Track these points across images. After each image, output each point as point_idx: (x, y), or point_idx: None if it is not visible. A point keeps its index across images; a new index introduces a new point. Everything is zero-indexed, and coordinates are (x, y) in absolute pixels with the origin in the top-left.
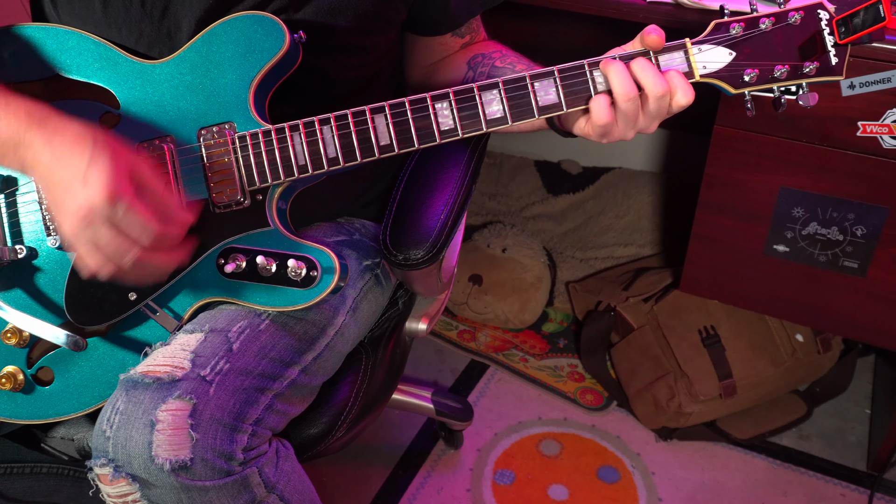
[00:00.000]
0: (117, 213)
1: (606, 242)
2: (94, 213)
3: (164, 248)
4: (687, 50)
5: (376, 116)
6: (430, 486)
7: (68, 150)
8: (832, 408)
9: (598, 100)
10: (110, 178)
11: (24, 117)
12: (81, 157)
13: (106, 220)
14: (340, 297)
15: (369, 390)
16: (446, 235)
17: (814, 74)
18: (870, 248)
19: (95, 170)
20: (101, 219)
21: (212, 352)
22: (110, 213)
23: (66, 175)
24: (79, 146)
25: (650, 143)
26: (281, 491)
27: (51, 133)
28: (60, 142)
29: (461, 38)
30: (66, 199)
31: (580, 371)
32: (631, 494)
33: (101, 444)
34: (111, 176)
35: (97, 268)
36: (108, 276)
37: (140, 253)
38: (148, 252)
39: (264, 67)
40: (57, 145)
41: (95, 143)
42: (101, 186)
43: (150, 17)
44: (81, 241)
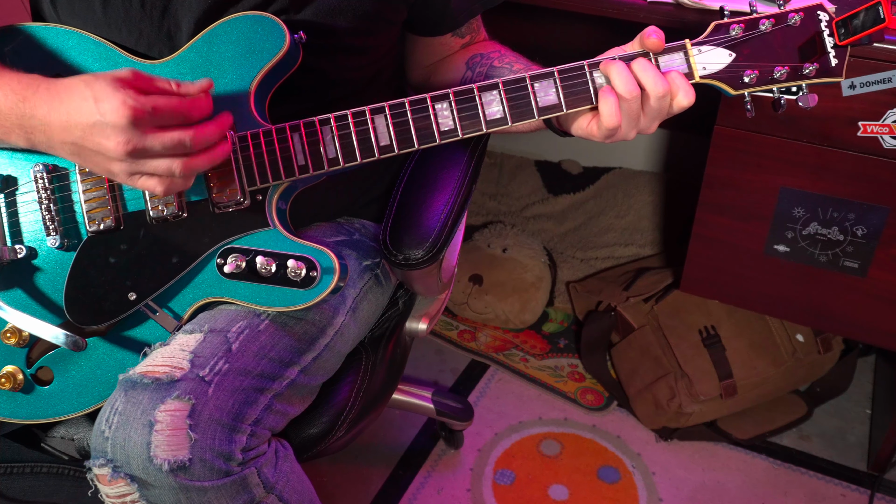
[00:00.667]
0: (148, 121)
1: (607, 242)
2: (133, 136)
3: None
4: (687, 51)
5: (376, 117)
6: (431, 486)
7: (69, 101)
8: (833, 408)
9: (608, 102)
10: (119, 101)
11: (18, 88)
12: (85, 99)
13: (145, 135)
14: (340, 297)
15: (369, 390)
16: (446, 235)
17: (813, 76)
18: (870, 248)
19: (105, 102)
20: (139, 137)
21: (211, 352)
22: (143, 124)
23: (84, 122)
24: (77, 92)
25: (651, 143)
26: (280, 491)
27: (46, 96)
28: (59, 99)
29: (461, 39)
30: (100, 143)
31: (580, 371)
32: (631, 494)
33: (100, 445)
34: (119, 98)
35: (153, 189)
36: (185, 181)
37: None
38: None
39: (264, 68)
40: (58, 103)
41: (86, 81)
42: (120, 110)
43: (150, 17)
44: (142, 167)
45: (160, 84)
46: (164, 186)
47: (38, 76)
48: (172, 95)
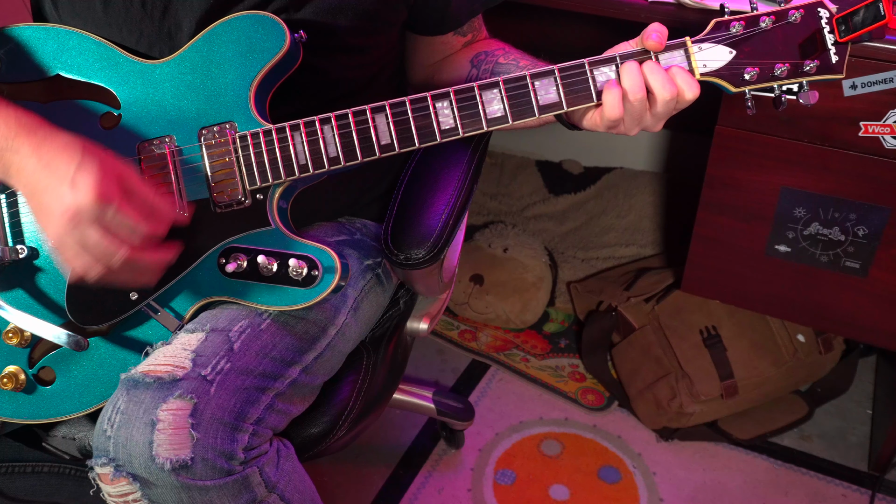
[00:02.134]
0: (106, 215)
1: (608, 242)
2: (82, 215)
3: (152, 247)
4: (687, 48)
5: (377, 116)
6: (431, 486)
7: (56, 156)
8: (833, 408)
9: (612, 93)
10: (99, 181)
11: (14, 124)
12: (69, 163)
13: (94, 221)
14: (342, 297)
15: (370, 390)
16: (447, 235)
17: (814, 73)
18: (871, 248)
19: (84, 174)
20: (88, 220)
21: (213, 351)
22: (99, 214)
23: (52, 180)
24: (67, 153)
25: (651, 143)
26: (282, 490)
27: (40, 141)
28: (49, 149)
29: (463, 37)
30: (52, 203)
31: (581, 371)
32: (632, 494)
33: (102, 444)
34: (100, 179)
35: (85, 269)
36: (97, 277)
37: (129, 252)
38: (137, 251)
39: (265, 67)
40: (45, 152)
41: (84, 150)
42: (90, 188)
43: (151, 17)
44: (68, 244)
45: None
46: (91, 268)
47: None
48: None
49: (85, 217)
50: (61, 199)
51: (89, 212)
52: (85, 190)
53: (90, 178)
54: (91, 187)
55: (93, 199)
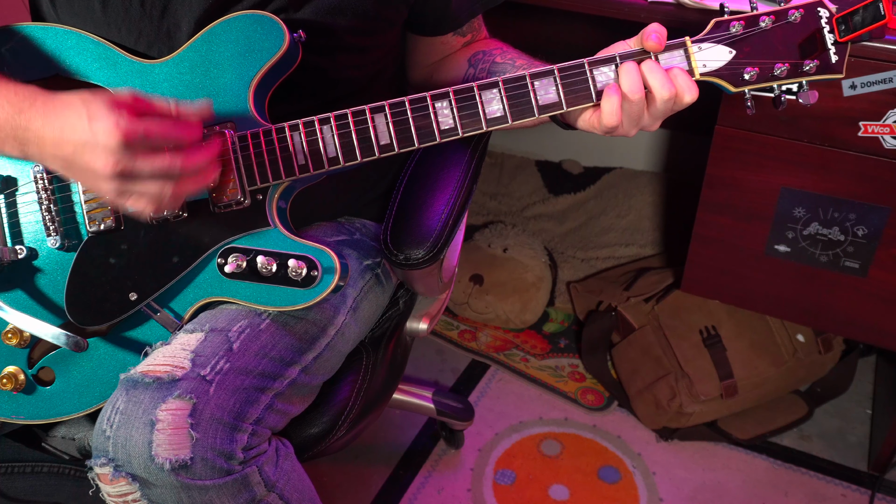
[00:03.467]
0: (141, 144)
1: (607, 242)
2: (121, 157)
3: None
4: (687, 48)
5: (376, 116)
6: (431, 486)
7: (64, 117)
8: (833, 408)
9: (610, 101)
10: (115, 120)
11: (14, 100)
12: (79, 118)
13: (135, 155)
14: (341, 297)
15: (370, 390)
16: (447, 235)
17: (814, 72)
18: (871, 248)
19: (98, 121)
20: (129, 158)
21: (212, 351)
22: (134, 147)
23: (77, 140)
24: (72, 109)
25: (651, 143)
26: (281, 490)
27: (42, 109)
28: (55, 114)
29: (463, 37)
30: (91, 162)
31: (581, 371)
32: (632, 494)
33: (102, 444)
34: (113, 119)
35: (158, 200)
36: (174, 202)
37: (182, 160)
38: (187, 157)
39: (264, 67)
40: (53, 118)
41: (83, 99)
42: (111, 131)
43: (150, 16)
44: (130, 190)
45: (157, 106)
46: (153, 207)
47: (36, 88)
48: (168, 118)
49: (125, 158)
50: (95, 156)
51: (125, 150)
52: (108, 135)
53: (106, 123)
54: (112, 130)
55: (120, 138)
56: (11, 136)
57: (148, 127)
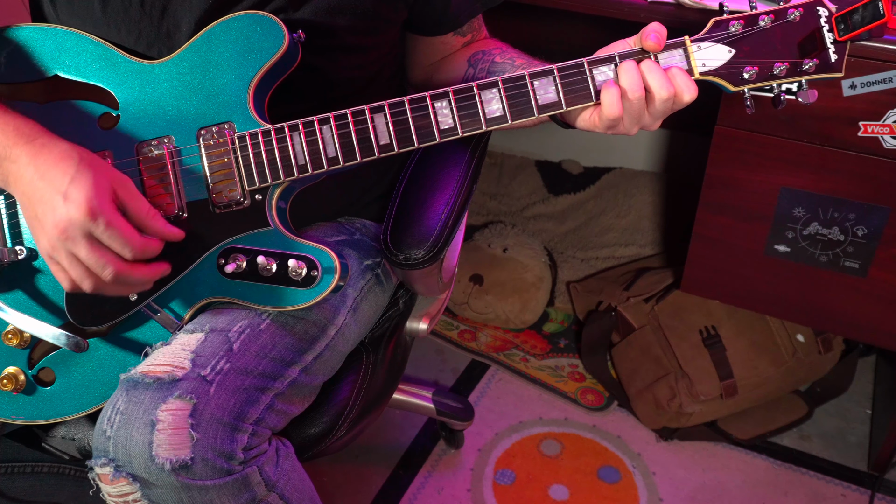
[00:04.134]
0: (97, 228)
1: (607, 242)
2: (74, 228)
3: (142, 263)
4: (686, 48)
5: (376, 116)
6: (431, 486)
7: (52, 166)
8: (833, 408)
9: (610, 92)
10: (91, 194)
11: (13, 133)
12: (65, 174)
13: (85, 235)
14: (341, 297)
15: (370, 390)
16: (447, 235)
17: (813, 71)
18: (871, 248)
19: (77, 186)
20: (80, 233)
21: (212, 351)
22: (90, 228)
23: (47, 191)
24: (63, 163)
25: (651, 143)
26: (281, 490)
27: (37, 150)
28: (45, 159)
29: (463, 37)
30: (46, 213)
31: (581, 371)
32: (631, 494)
33: (102, 444)
34: (93, 193)
35: (76, 282)
36: (90, 289)
37: (120, 267)
38: (128, 266)
39: (263, 67)
40: (41, 162)
41: (80, 161)
42: (82, 201)
43: (150, 16)
44: (61, 255)
45: (140, 207)
46: (67, 285)
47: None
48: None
49: (75, 231)
50: (54, 210)
51: (80, 226)
52: (76, 204)
53: (83, 192)
54: (83, 201)
55: (84, 213)
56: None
57: (116, 223)
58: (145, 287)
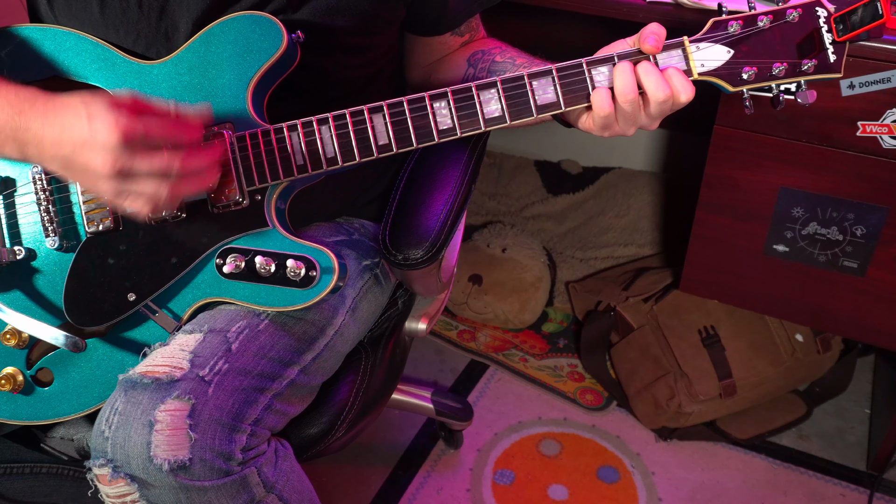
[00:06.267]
0: (139, 143)
1: (606, 242)
2: (119, 157)
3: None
4: (685, 48)
5: (374, 116)
6: (430, 486)
7: (63, 118)
8: (832, 408)
9: (600, 92)
10: (114, 119)
11: (15, 101)
12: (79, 117)
13: (134, 155)
14: (340, 297)
15: (369, 390)
16: (446, 235)
17: (812, 72)
18: (869, 247)
19: (98, 121)
20: (128, 157)
21: (211, 352)
22: (133, 146)
23: (76, 139)
24: (72, 110)
25: (650, 143)
26: (280, 490)
27: (42, 110)
28: (55, 114)
29: (461, 37)
30: (88, 163)
31: (580, 371)
32: (631, 494)
33: (100, 445)
34: (112, 119)
35: (155, 200)
36: (171, 200)
37: (181, 160)
38: (187, 157)
39: (262, 67)
40: (53, 119)
41: (83, 100)
42: (111, 130)
43: (148, 17)
44: (129, 190)
45: (157, 106)
46: (150, 207)
47: (36, 89)
48: (167, 118)
49: (123, 157)
50: (94, 155)
51: (124, 149)
52: (107, 134)
53: (105, 122)
54: (111, 129)
55: (119, 137)
56: (11, 138)
57: (147, 126)
58: (215, 175)
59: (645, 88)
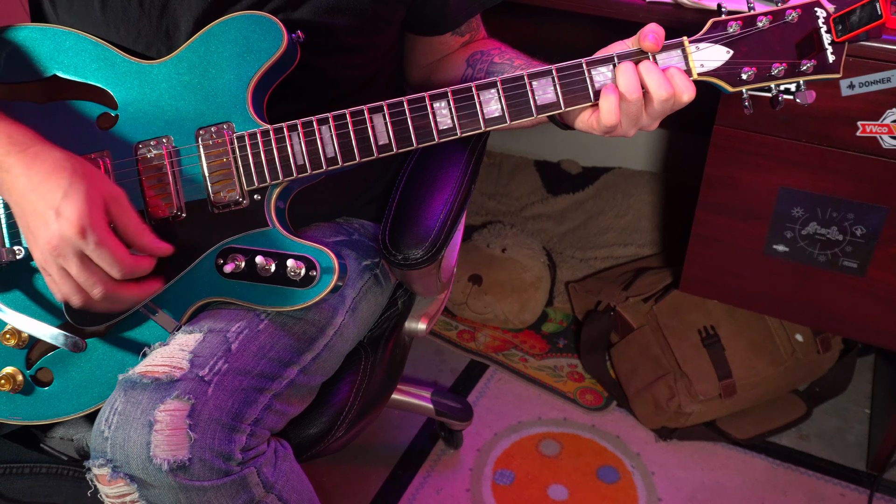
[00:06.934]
0: (88, 247)
1: (606, 242)
2: (65, 245)
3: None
4: (685, 48)
5: (374, 116)
6: (430, 486)
7: (45, 178)
8: (832, 408)
9: (608, 100)
10: (83, 211)
11: (6, 141)
12: (57, 188)
13: (76, 253)
14: (339, 297)
15: (369, 390)
16: (445, 235)
17: (811, 72)
18: (869, 247)
19: (70, 202)
20: (70, 250)
21: (210, 352)
22: (81, 246)
23: (40, 204)
24: (56, 176)
25: (650, 143)
26: (279, 491)
27: (31, 159)
28: (38, 170)
29: (461, 37)
30: (38, 227)
31: (580, 371)
32: (630, 494)
33: (100, 445)
34: (85, 209)
35: (67, 295)
36: (79, 304)
37: (109, 286)
38: (117, 285)
39: (262, 67)
40: (34, 173)
41: (73, 173)
42: (74, 219)
43: (149, 16)
44: (52, 269)
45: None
46: (60, 297)
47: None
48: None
49: (66, 248)
50: (47, 225)
51: (71, 244)
52: (69, 221)
53: (75, 209)
54: (74, 219)
55: (75, 231)
56: None
57: (107, 241)
58: (135, 305)
59: (647, 87)
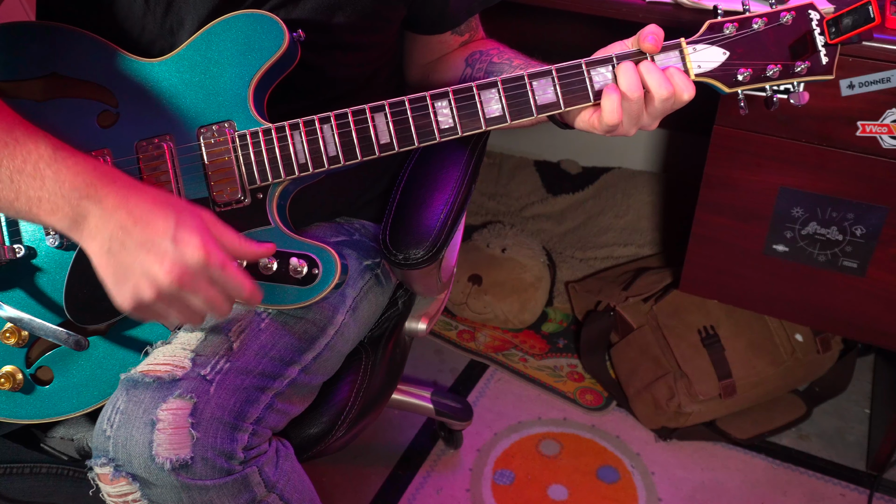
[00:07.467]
0: (215, 272)
1: (606, 242)
2: (191, 273)
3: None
4: (682, 49)
5: (376, 115)
6: (430, 486)
7: (150, 211)
8: (832, 407)
9: (610, 99)
10: (206, 240)
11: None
12: (167, 219)
13: (205, 279)
14: (340, 297)
15: (369, 390)
16: (446, 235)
17: (805, 74)
18: (869, 247)
19: (187, 231)
20: (199, 278)
21: (212, 351)
22: (209, 272)
23: (149, 236)
24: (161, 209)
25: (650, 143)
26: (281, 490)
27: (126, 192)
28: (137, 202)
29: (460, 37)
30: (149, 262)
31: (580, 371)
32: (630, 494)
33: (102, 444)
34: (205, 234)
35: (189, 321)
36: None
37: (227, 309)
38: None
39: (263, 66)
40: (134, 206)
41: (175, 203)
42: (199, 244)
43: (154, 12)
44: (171, 303)
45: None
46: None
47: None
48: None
49: (194, 275)
50: (162, 256)
51: (198, 270)
52: (193, 246)
53: (195, 235)
54: (199, 244)
55: (202, 257)
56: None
57: (229, 265)
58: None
59: (648, 87)
